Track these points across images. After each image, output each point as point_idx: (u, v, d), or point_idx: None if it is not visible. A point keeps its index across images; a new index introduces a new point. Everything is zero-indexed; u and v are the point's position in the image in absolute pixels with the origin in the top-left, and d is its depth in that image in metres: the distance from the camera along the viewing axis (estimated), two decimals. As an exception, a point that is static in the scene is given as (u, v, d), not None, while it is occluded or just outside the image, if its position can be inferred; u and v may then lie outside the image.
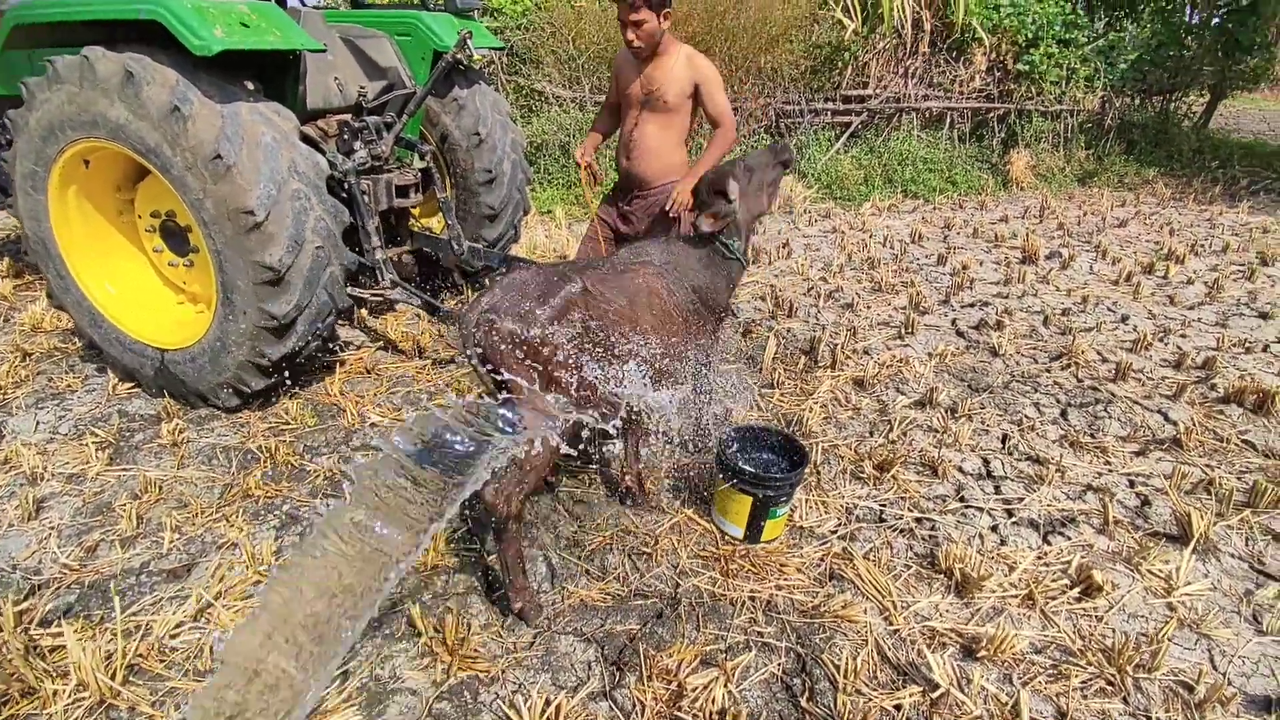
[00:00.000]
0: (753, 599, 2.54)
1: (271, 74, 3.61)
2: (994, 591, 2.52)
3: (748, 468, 2.73)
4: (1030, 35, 8.92)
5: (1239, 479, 3.27)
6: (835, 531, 2.90)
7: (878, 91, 9.02)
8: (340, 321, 4.63)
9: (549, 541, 2.79)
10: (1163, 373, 4.26)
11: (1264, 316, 5.05)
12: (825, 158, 8.68)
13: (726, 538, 2.83)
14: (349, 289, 3.94)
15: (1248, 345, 4.59)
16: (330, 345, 3.97)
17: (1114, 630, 2.42)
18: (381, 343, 4.53)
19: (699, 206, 2.87)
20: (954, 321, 5.03)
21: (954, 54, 9.15)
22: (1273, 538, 2.88)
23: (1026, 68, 9.02)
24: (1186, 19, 10.47)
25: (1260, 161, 10.18)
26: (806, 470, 2.75)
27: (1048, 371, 4.28)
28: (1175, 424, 3.70)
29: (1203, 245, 6.84)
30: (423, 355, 4.38)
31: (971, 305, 5.31)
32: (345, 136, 4.05)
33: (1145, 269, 6.05)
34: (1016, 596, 2.52)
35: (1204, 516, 2.79)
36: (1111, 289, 5.67)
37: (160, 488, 3.09)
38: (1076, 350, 4.40)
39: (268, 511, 2.96)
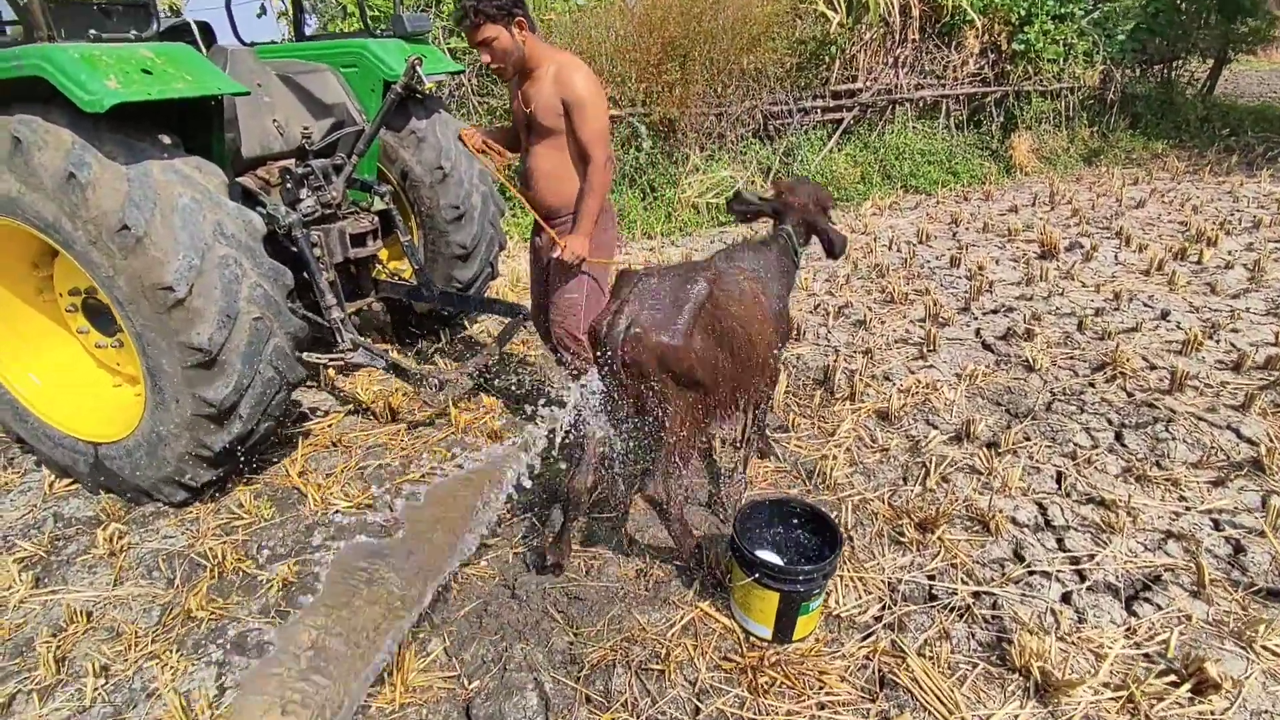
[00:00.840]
0: (790, 724, 2.08)
1: (194, 124, 3.18)
2: (1084, 695, 2.06)
3: (770, 558, 2.28)
4: (1023, 12, 8.48)
5: (1339, 508, 2.81)
6: (880, 619, 2.44)
7: (868, 84, 8.58)
8: (305, 385, 4.19)
9: (540, 660, 2.34)
10: (1222, 377, 3.80)
11: (1319, 302, 4.59)
12: (818, 158, 8.24)
13: (751, 639, 2.38)
14: (306, 355, 3.51)
15: (1310, 338, 4.13)
16: (287, 421, 3.52)
17: (1240, 738, 1.96)
18: (350, 406, 4.08)
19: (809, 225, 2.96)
20: (978, 332, 4.57)
21: (945, 39, 8.71)
22: (1400, 587, 2.42)
23: (1022, 47, 8.59)
24: (1183, -17, 10.02)
25: (1272, 126, 9.73)
26: (842, 552, 2.30)
27: (1092, 386, 3.83)
28: (1251, 442, 3.24)
29: (1231, 222, 6.38)
30: (396, 418, 3.94)
31: (995, 311, 4.85)
32: (289, 185, 3.62)
33: (1177, 254, 5.59)
34: (1114, 700, 2.06)
35: (1320, 571, 2.34)
36: (1143, 281, 5.22)
37: (89, 615, 2.65)
38: (1120, 358, 3.94)
39: (210, 641, 2.52)
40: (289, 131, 3.78)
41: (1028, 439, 3.38)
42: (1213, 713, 2.01)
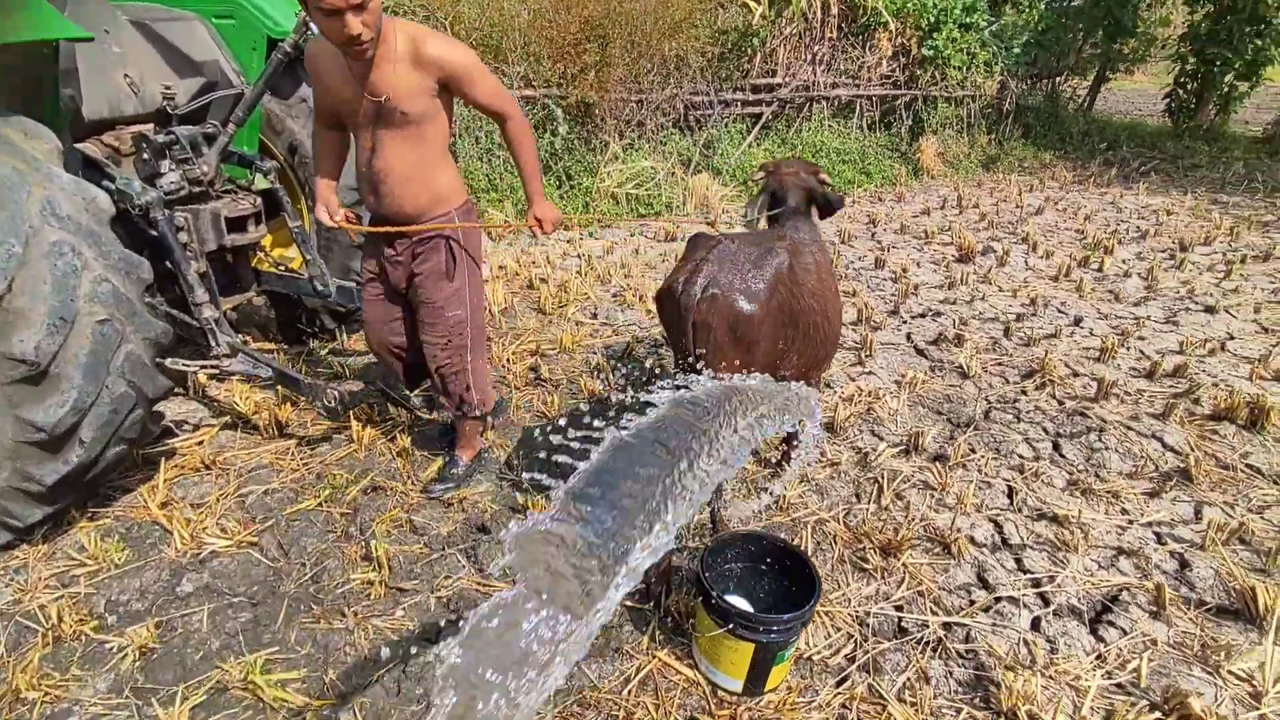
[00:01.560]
0: (772, 797, 1.83)
1: (19, 77, 2.52)
2: (1074, 740, 1.93)
3: (739, 603, 2.01)
4: (933, 20, 8.70)
5: (1262, 517, 2.89)
6: (853, 659, 2.24)
7: (786, 80, 8.53)
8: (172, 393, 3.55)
9: (476, 735, 1.97)
10: (1139, 385, 3.91)
11: (1209, 310, 4.88)
12: (738, 152, 8.11)
13: (719, 692, 2.11)
14: (170, 362, 2.92)
15: (1208, 346, 4.35)
16: (144, 441, 2.92)
17: (1226, 777, 1.89)
18: (226, 419, 3.48)
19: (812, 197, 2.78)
20: (909, 337, 4.53)
21: (860, 39, 8.80)
22: (1333, 600, 2.47)
23: (930, 53, 8.81)
24: (1068, 1, 10.67)
25: (1144, 142, 10.55)
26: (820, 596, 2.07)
27: (1024, 394, 3.84)
28: (1176, 452, 3.32)
29: (1121, 232, 6.77)
30: (284, 432, 3.38)
31: (923, 315, 4.85)
32: (146, 155, 3.00)
33: (1080, 262, 5.84)
34: (1102, 744, 1.95)
35: (1268, 590, 2.34)
36: (1054, 287, 5.39)
37: None
38: (1047, 366, 3.99)
39: (38, 738, 1.96)
40: (146, 90, 3.13)
41: (973, 450, 3.31)
42: (1198, 751, 1.94)
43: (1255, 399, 3.51)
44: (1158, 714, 1.99)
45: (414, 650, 2.24)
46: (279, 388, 3.58)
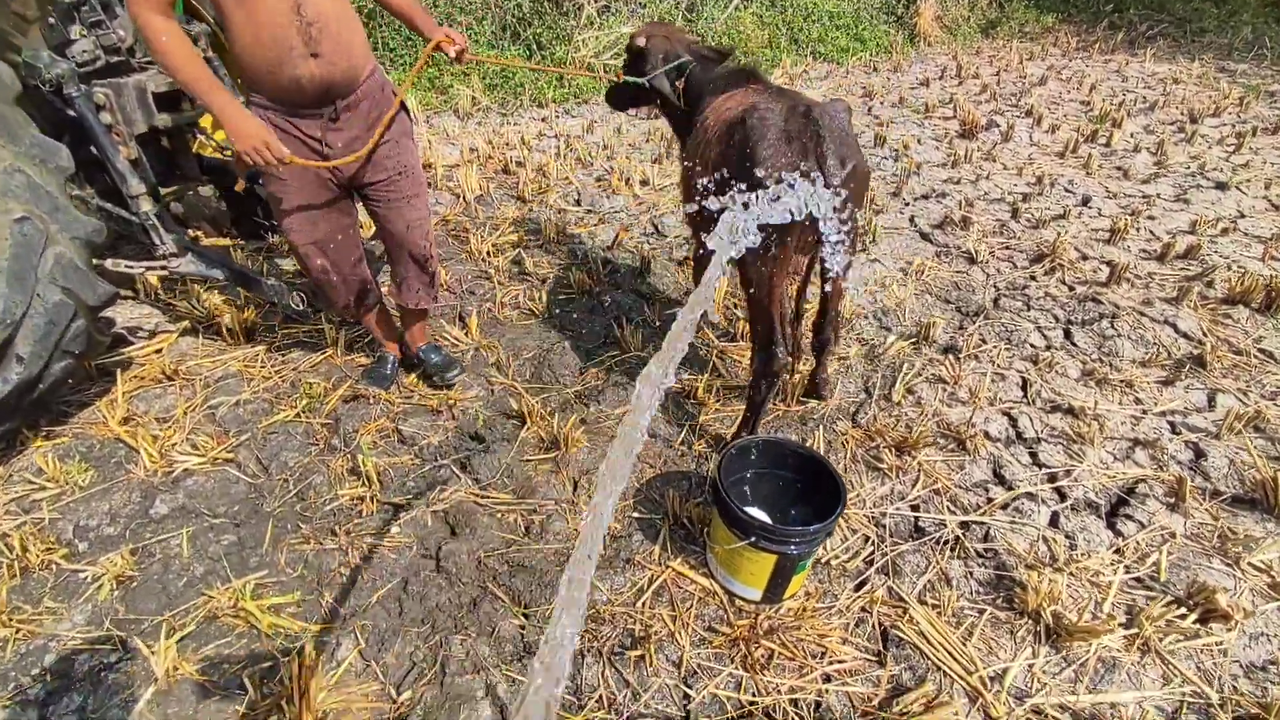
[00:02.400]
0: (795, 706, 1.79)
1: None
2: (1094, 635, 1.90)
3: (762, 516, 1.90)
4: None
5: (1275, 404, 2.84)
6: (871, 562, 2.17)
7: (776, -69, 7.69)
8: (121, 297, 3.24)
9: (486, 654, 1.89)
10: (1150, 268, 3.76)
11: (1220, 187, 4.68)
12: (724, 16, 7.41)
13: (737, 601, 2.04)
14: (111, 264, 2.61)
15: (1220, 225, 4.19)
16: (95, 352, 2.64)
17: (1246, 668, 1.89)
18: (187, 324, 3.19)
19: None
20: (913, 220, 4.29)
21: (858, -118, 7.89)
22: (1345, 485, 2.45)
23: (934, -101, 7.95)
24: None
25: (1150, 3, 9.90)
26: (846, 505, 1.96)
27: (1033, 280, 3.67)
28: (1189, 338, 3.22)
29: (1128, 103, 6.41)
30: (252, 338, 3.12)
31: (926, 197, 4.58)
32: (53, 19, 2.53)
33: (1087, 137, 5.53)
34: (1123, 640, 1.92)
35: (1290, 479, 2.30)
36: (1060, 163, 5.12)
37: None
38: (1056, 249, 3.80)
39: (21, 671, 1.83)
40: (38, -69, 2.59)
41: (984, 341, 3.18)
42: (1217, 643, 1.93)
43: (1270, 280, 3.39)
44: (1183, 609, 1.97)
45: (414, 570, 2.12)
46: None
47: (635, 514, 2.30)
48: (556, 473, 2.47)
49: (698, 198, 2.22)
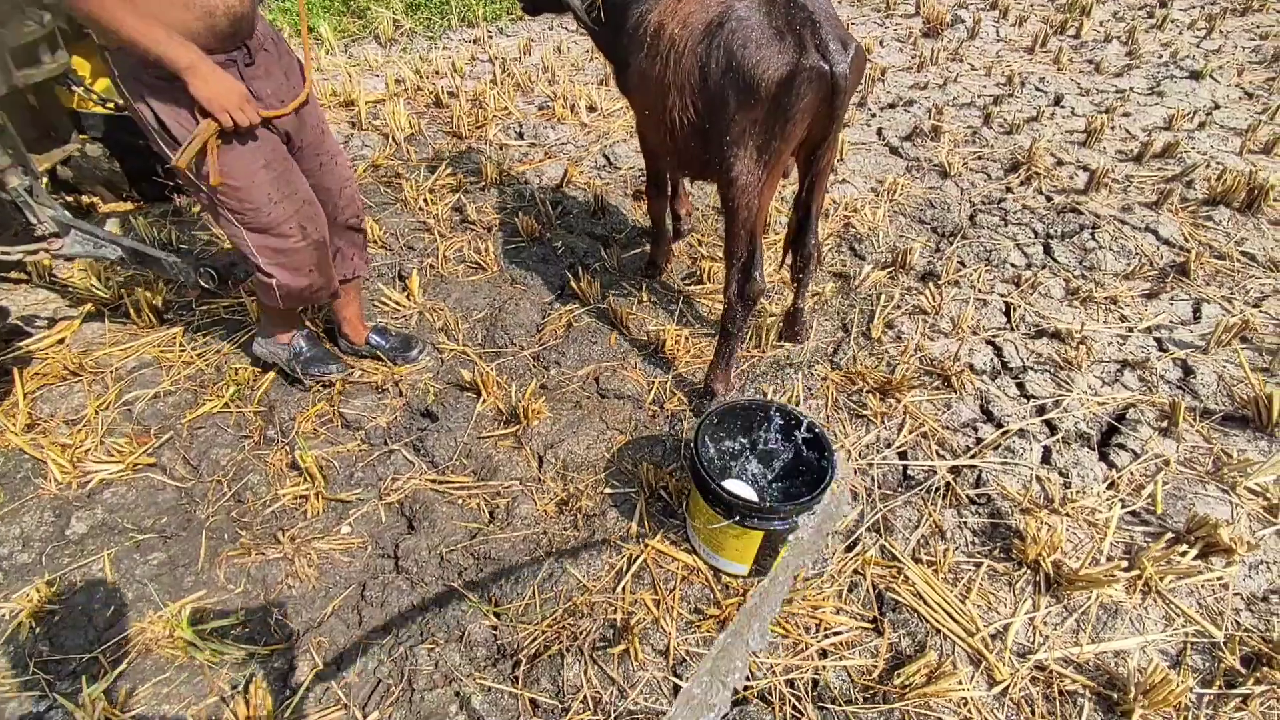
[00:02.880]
0: (792, 687, 1.69)
1: None
2: (1097, 585, 1.82)
3: (745, 490, 1.74)
4: None
5: (1260, 309, 2.75)
6: (861, 519, 2.05)
7: None
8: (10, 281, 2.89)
9: (457, 662, 1.73)
10: (1128, 170, 3.59)
11: (1195, 76, 4.47)
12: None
13: (723, 577, 1.91)
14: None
15: (1195, 119, 4.01)
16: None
17: (1248, 600, 1.83)
18: (89, 308, 2.84)
19: None
20: (880, 133, 4.02)
21: None
22: (1334, 394, 2.38)
23: None
24: None
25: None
26: (839, 474, 1.80)
27: (1009, 191, 3.48)
28: (1171, 244, 3.09)
29: (1094, -12, 6.08)
30: (164, 319, 2.79)
31: (893, 106, 4.29)
32: None
33: (1056, 28, 5.23)
34: (1124, 581, 1.85)
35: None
36: (1030, 60, 4.84)
37: None
38: (1032, 157, 3.60)
39: (-76, 740, 1.63)
40: None
41: (963, 264, 3.00)
42: (1218, 576, 1.87)
43: (1250, 178, 3.25)
44: (1183, 546, 1.89)
45: (371, 574, 1.94)
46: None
47: (608, 489, 2.13)
48: (518, 449, 2.27)
49: (672, 120, 1.98)
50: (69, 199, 3.41)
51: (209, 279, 2.39)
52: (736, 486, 1.90)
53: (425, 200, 3.46)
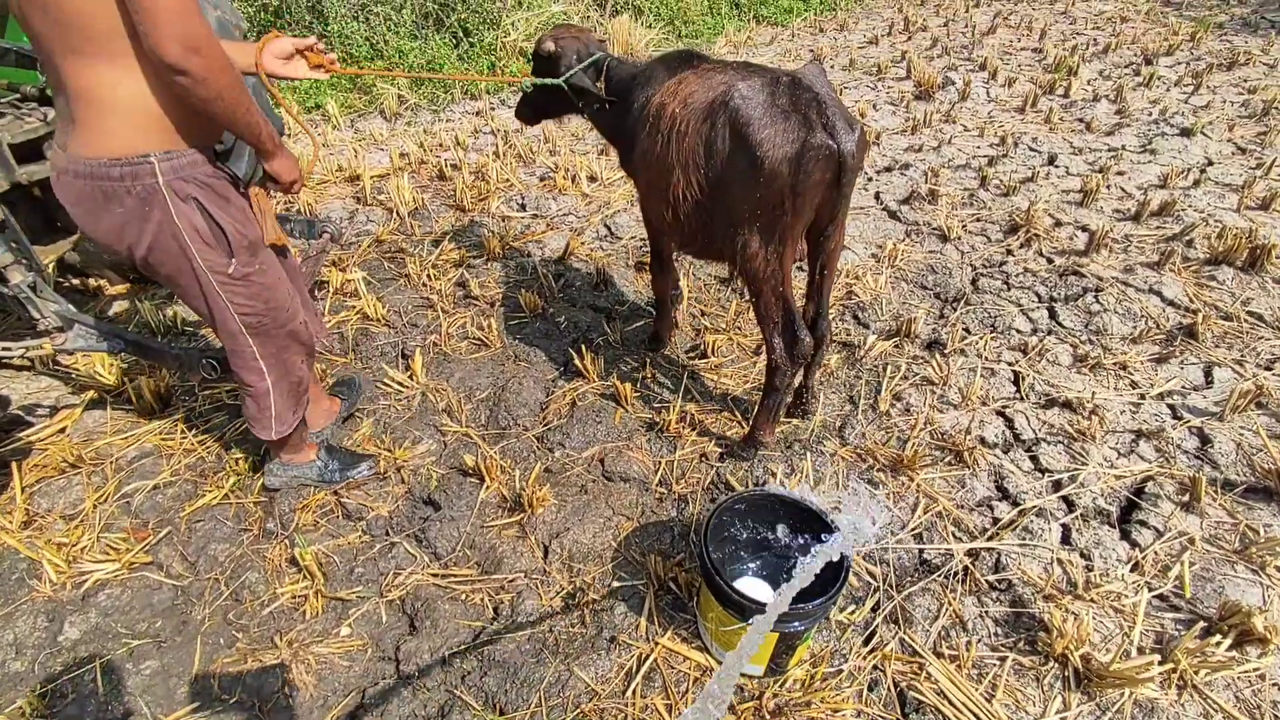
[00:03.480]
0: (816, 801, 1.59)
1: None
2: (1132, 683, 1.74)
3: (760, 588, 1.68)
4: None
5: (1273, 372, 2.71)
6: (878, 609, 1.98)
7: (707, -113, 7.27)
8: (13, 369, 2.89)
9: (462, 781, 1.65)
10: (1126, 229, 3.61)
11: (1186, 133, 4.54)
12: (660, -16, 7.02)
13: (737, 679, 1.83)
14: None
15: (1190, 176, 4.05)
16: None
17: (1288, 693, 1.75)
18: (92, 393, 2.83)
19: None
20: (878, 196, 4.07)
21: None
22: (1357, 462, 2.33)
23: None
24: None
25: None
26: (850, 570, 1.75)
27: (1010, 254, 3.49)
28: (1176, 306, 3.07)
29: (1081, 47, 6.24)
30: (169, 407, 2.78)
31: (889, 170, 4.35)
32: None
33: (1045, 89, 5.34)
34: (1159, 678, 1.76)
35: (1308, 467, 2.15)
36: (1021, 120, 4.93)
37: None
38: (1030, 218, 3.62)
39: None
40: None
41: (969, 331, 2.99)
42: (1255, 669, 1.78)
43: (1250, 235, 3.26)
44: (1217, 636, 1.82)
45: (371, 679, 1.87)
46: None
47: (615, 581, 2.07)
48: (523, 538, 2.22)
49: (676, 198, 2.03)
50: (76, 282, 3.45)
51: (211, 369, 2.38)
52: (750, 585, 1.83)
53: (429, 276, 3.48)
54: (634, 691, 1.81)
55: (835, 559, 1.70)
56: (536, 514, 2.27)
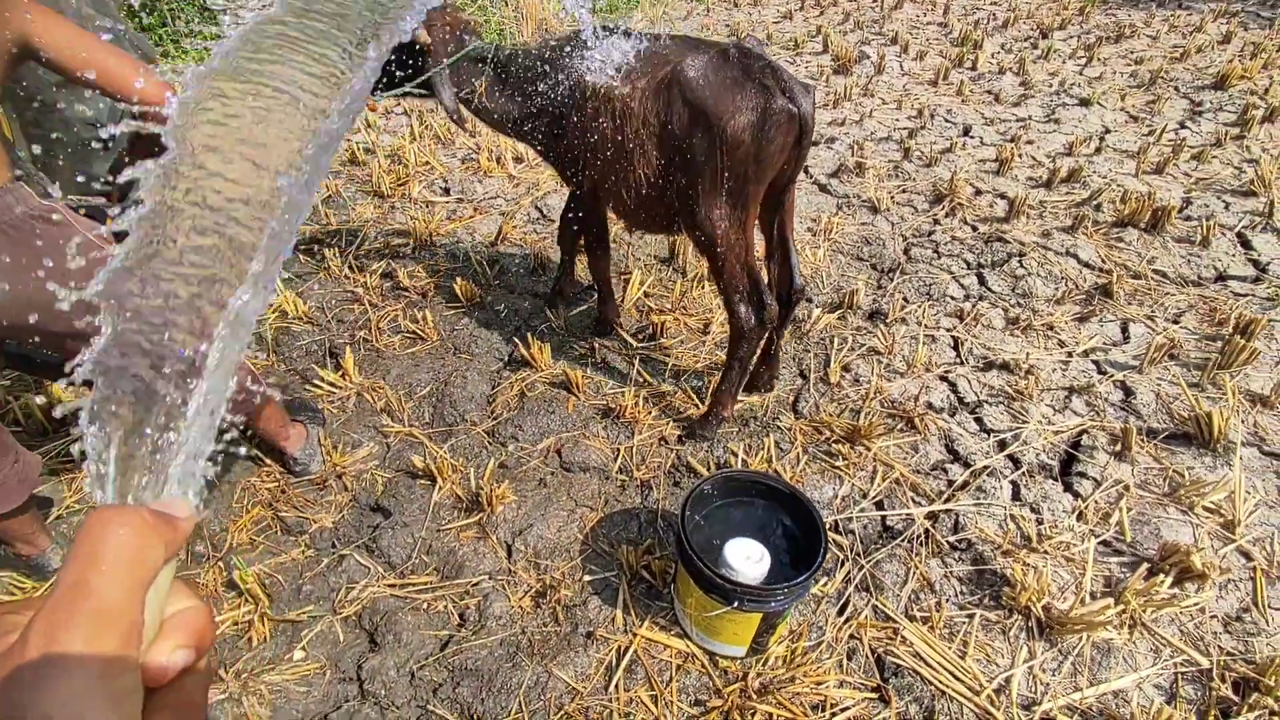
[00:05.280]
0: (809, 777, 1.60)
1: None
2: (1090, 628, 1.83)
3: (750, 581, 1.65)
4: None
5: (1179, 325, 2.91)
6: (850, 580, 2.00)
7: None
8: None
9: (444, 802, 1.56)
10: (1040, 196, 3.79)
11: (1084, 103, 4.80)
12: (571, -44, 6.81)
13: (720, 661, 1.81)
14: None
15: (1091, 144, 4.29)
16: None
17: (1225, 621, 1.88)
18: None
19: None
20: (808, 170, 4.11)
21: None
22: (1260, 403, 2.53)
23: None
24: None
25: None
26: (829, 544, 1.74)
27: (938, 224, 3.60)
28: (1091, 266, 3.25)
29: (983, 22, 6.50)
30: (65, 425, 2.48)
31: (816, 144, 4.40)
32: None
33: (954, 62, 5.53)
34: (1112, 621, 1.86)
35: (1222, 413, 2.32)
36: (935, 93, 5.09)
37: None
38: (954, 189, 3.75)
39: None
40: None
41: (907, 301, 3.06)
42: (1194, 604, 1.91)
43: (1149, 198, 3.48)
44: (1160, 575, 1.93)
45: (333, 703, 1.73)
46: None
47: (586, 575, 2.00)
48: (484, 538, 2.11)
49: (634, 182, 1.99)
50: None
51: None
52: (730, 557, 1.80)
53: (351, 267, 3.26)
54: (617, 686, 1.76)
55: (813, 532, 1.70)
56: (495, 512, 2.16)
